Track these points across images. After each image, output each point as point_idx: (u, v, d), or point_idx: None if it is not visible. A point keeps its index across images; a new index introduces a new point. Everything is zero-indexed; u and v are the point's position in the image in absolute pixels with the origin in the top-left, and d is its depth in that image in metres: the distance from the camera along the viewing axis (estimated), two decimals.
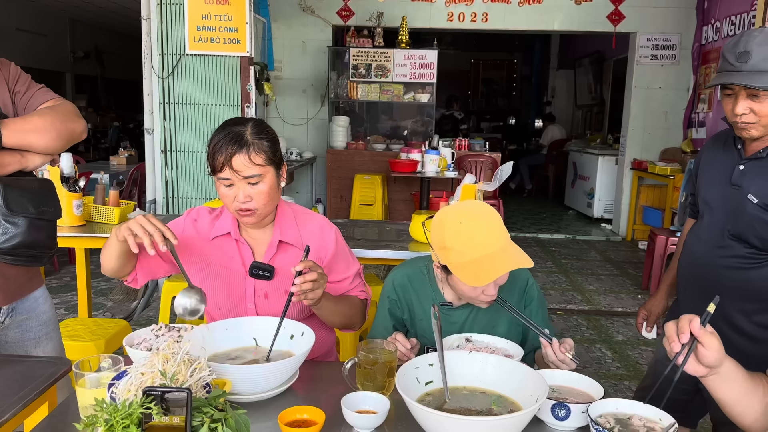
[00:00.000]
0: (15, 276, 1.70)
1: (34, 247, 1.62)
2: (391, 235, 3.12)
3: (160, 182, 4.58)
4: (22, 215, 1.57)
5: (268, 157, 1.57)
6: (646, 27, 6.92)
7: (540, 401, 1.16)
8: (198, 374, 1.15)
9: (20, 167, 1.61)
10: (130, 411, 0.99)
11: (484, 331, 1.63)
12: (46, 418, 1.32)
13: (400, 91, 7.19)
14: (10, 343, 1.75)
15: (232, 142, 1.53)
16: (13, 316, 1.73)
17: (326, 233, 1.72)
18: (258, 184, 1.56)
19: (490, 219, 1.49)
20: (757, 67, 1.50)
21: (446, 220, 1.50)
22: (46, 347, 1.82)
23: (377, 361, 1.37)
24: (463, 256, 1.45)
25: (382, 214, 6.42)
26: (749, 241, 1.60)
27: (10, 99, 1.66)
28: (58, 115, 1.65)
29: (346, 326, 1.76)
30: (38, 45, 9.35)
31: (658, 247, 4.74)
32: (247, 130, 1.56)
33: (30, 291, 1.78)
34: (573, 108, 11.83)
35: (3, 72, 1.67)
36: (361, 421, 1.23)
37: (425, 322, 1.68)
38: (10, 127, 1.55)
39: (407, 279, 1.72)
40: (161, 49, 4.39)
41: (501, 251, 1.45)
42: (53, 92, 1.75)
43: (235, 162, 1.53)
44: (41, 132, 1.60)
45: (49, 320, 1.84)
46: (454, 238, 1.46)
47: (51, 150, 1.65)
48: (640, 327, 2.05)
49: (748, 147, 1.64)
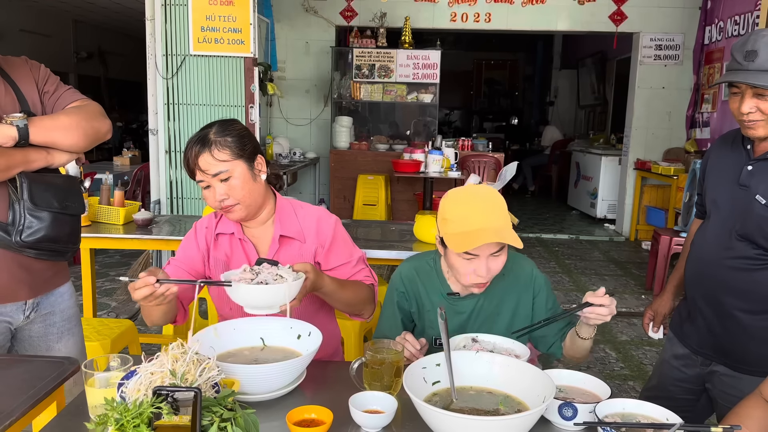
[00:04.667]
0: (40, 270, 1.73)
1: (58, 241, 1.67)
2: (394, 236, 3.12)
3: (164, 182, 4.59)
4: (46, 209, 1.62)
5: (233, 151, 1.62)
6: (650, 27, 6.91)
7: (547, 401, 1.16)
8: (207, 374, 1.16)
9: (46, 164, 1.66)
10: (140, 410, 1.00)
11: (488, 320, 1.67)
12: (56, 417, 1.33)
13: (403, 91, 7.19)
14: (33, 337, 1.79)
15: (196, 144, 1.62)
16: (37, 311, 1.77)
17: (325, 221, 1.76)
18: (229, 179, 1.62)
19: (491, 200, 1.55)
20: (763, 66, 1.50)
21: (452, 194, 1.59)
22: (68, 342, 1.86)
23: (384, 361, 1.38)
24: (457, 226, 1.51)
25: (386, 214, 6.42)
26: (757, 242, 1.60)
27: (39, 99, 1.72)
28: (84, 115, 1.70)
29: (356, 311, 1.77)
30: (42, 46, 9.36)
31: (661, 247, 4.74)
32: (211, 131, 1.64)
33: (55, 286, 1.82)
34: (576, 108, 11.82)
35: (33, 73, 1.73)
36: (368, 421, 1.24)
37: (432, 313, 1.70)
38: (37, 125, 1.60)
39: (414, 271, 1.74)
40: (165, 49, 4.40)
41: (493, 229, 1.49)
42: (80, 93, 1.80)
43: (201, 162, 1.61)
44: (67, 130, 1.65)
45: (73, 316, 1.88)
46: (454, 209, 1.54)
47: (76, 148, 1.70)
48: (646, 327, 2.05)
49: (757, 147, 1.64)
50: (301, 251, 1.74)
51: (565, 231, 7.59)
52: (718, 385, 1.74)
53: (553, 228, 7.82)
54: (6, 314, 1.70)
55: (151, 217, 3.13)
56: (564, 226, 7.95)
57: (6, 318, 1.70)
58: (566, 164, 9.60)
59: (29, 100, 1.69)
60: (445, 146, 6.25)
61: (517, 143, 12.15)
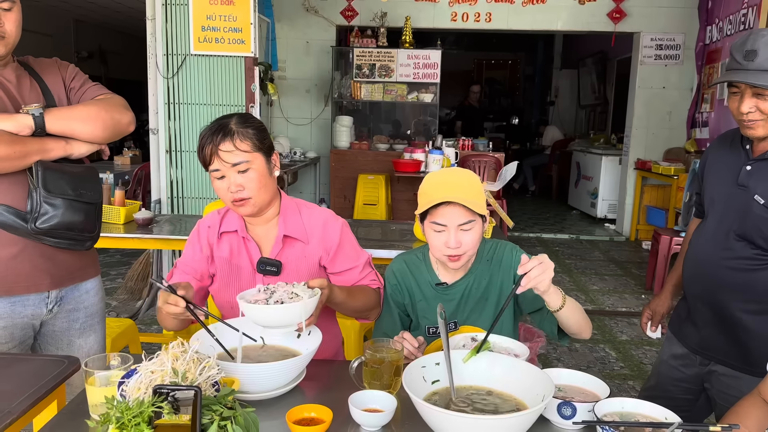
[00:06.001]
0: (63, 261, 1.75)
1: (73, 228, 1.68)
2: (394, 235, 3.12)
3: (165, 182, 4.59)
4: (60, 196, 1.63)
5: (254, 143, 1.61)
6: (650, 27, 6.91)
7: (546, 400, 1.16)
8: (207, 372, 1.16)
9: (65, 154, 1.68)
10: (141, 409, 1.00)
11: (478, 305, 1.72)
12: (56, 416, 1.33)
13: (403, 91, 7.19)
14: (56, 332, 1.80)
15: (217, 133, 1.59)
16: (61, 305, 1.79)
17: (332, 225, 1.75)
18: (247, 171, 1.60)
19: (463, 176, 1.64)
20: (762, 66, 1.50)
21: (431, 173, 1.70)
22: (89, 338, 1.87)
23: (384, 360, 1.38)
24: (427, 197, 1.61)
25: (386, 214, 6.42)
26: (755, 242, 1.60)
27: (66, 95, 1.76)
28: (104, 106, 1.73)
29: (362, 316, 1.78)
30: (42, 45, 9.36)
31: (661, 247, 4.74)
32: (231, 121, 1.62)
33: (82, 280, 1.83)
34: (576, 108, 11.81)
35: (61, 71, 1.80)
36: (368, 420, 1.24)
37: (424, 302, 1.75)
38: (53, 114, 1.63)
39: (405, 264, 1.80)
40: (166, 49, 4.41)
41: (458, 197, 1.55)
42: (106, 88, 1.83)
43: (221, 151, 1.57)
44: (86, 120, 1.68)
45: (96, 313, 1.90)
46: (427, 184, 1.64)
47: (96, 139, 1.72)
48: (644, 327, 2.05)
49: (756, 147, 1.64)
50: (305, 252, 1.73)
51: (566, 231, 7.60)
52: (716, 384, 1.74)
53: (553, 228, 7.82)
54: (29, 307, 1.71)
55: (151, 216, 3.14)
56: (564, 226, 7.96)
57: (29, 312, 1.71)
58: (566, 164, 9.60)
59: (55, 95, 1.73)
60: (446, 146, 6.25)
61: (518, 143, 12.15)
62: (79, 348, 1.84)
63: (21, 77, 1.70)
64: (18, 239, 1.64)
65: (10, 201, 1.61)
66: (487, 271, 1.73)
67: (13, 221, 1.61)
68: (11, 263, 1.65)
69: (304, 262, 1.72)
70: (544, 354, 3.75)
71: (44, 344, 1.80)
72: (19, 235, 1.63)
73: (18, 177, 1.62)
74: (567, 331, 1.60)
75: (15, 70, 1.70)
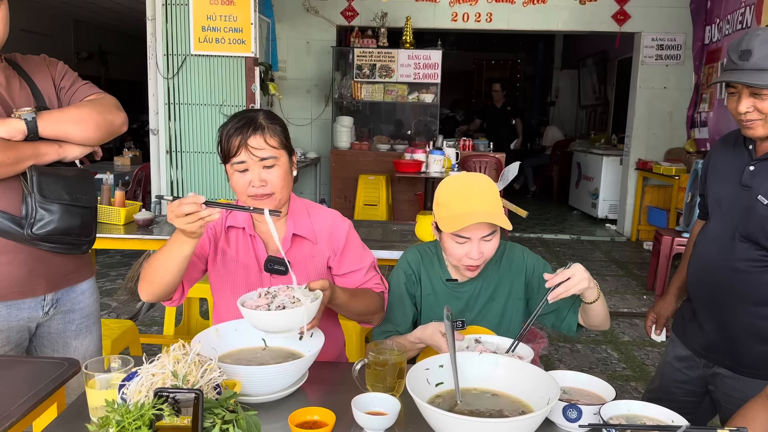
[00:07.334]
0: (58, 264, 1.73)
1: (70, 233, 1.66)
2: (395, 236, 3.11)
3: (165, 183, 4.58)
4: (56, 202, 1.61)
5: (281, 140, 1.60)
6: (651, 27, 6.90)
7: (551, 403, 1.15)
8: (209, 375, 1.15)
9: (58, 157, 1.66)
10: (142, 412, 0.99)
11: (486, 305, 1.73)
12: (56, 419, 1.32)
13: (404, 91, 7.18)
14: (52, 333, 1.79)
15: (247, 125, 1.56)
16: (57, 307, 1.77)
17: (338, 226, 1.74)
18: (273, 167, 1.58)
19: (482, 185, 1.64)
20: (758, 65, 1.50)
21: (447, 180, 1.70)
22: (85, 339, 1.86)
23: (387, 362, 1.37)
24: (448, 210, 1.61)
25: (387, 214, 6.41)
26: (760, 242, 1.59)
27: (56, 95, 1.73)
28: (96, 107, 1.70)
29: (364, 319, 1.76)
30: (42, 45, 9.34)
31: (663, 247, 4.73)
32: (259, 116, 1.61)
33: (77, 281, 1.82)
34: (577, 108, 11.80)
35: (50, 70, 1.75)
36: (371, 423, 1.23)
37: (433, 296, 1.77)
38: (46, 118, 1.60)
39: (419, 254, 1.82)
40: (166, 49, 4.40)
41: (483, 212, 1.57)
42: (97, 87, 1.80)
43: (251, 143, 1.55)
44: (78, 123, 1.65)
45: (92, 314, 1.88)
46: (447, 194, 1.65)
47: (90, 141, 1.69)
48: (649, 330, 2.04)
49: (759, 147, 1.63)
50: (312, 252, 1.71)
51: (567, 231, 7.59)
52: (721, 387, 1.73)
53: (554, 228, 7.81)
54: (25, 310, 1.69)
55: (151, 217, 3.13)
56: (565, 227, 7.94)
57: (25, 315, 1.70)
58: (567, 164, 9.59)
59: (45, 96, 1.69)
60: (446, 146, 6.24)
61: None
62: (76, 349, 1.83)
63: (10, 78, 1.66)
64: (13, 245, 1.62)
65: (4, 206, 1.59)
66: (496, 273, 1.75)
67: (8, 227, 1.59)
68: (7, 269, 1.63)
69: (312, 262, 1.71)
70: (546, 355, 3.74)
71: (40, 346, 1.79)
72: (15, 240, 1.61)
73: (11, 182, 1.59)
74: (591, 323, 1.64)
75: (3, 70, 1.66)
